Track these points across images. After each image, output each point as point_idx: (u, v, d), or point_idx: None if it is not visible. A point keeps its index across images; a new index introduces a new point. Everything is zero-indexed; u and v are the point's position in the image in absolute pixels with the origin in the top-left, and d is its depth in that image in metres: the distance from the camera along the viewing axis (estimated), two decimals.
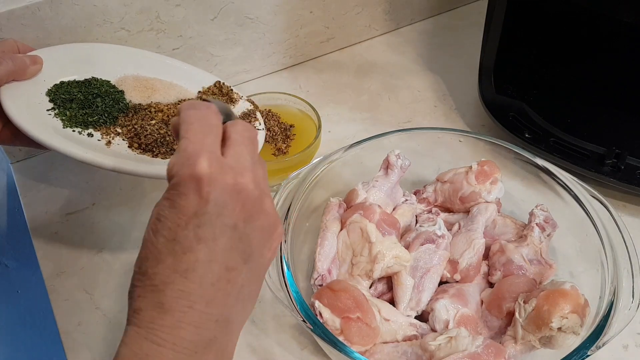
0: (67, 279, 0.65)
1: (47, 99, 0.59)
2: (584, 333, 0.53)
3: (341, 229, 0.61)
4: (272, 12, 0.82)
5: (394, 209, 0.66)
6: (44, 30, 0.67)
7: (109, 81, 0.64)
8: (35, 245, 0.68)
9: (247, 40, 0.83)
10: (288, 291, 0.54)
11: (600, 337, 0.52)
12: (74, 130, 0.58)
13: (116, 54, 0.67)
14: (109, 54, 0.67)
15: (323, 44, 0.91)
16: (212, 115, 0.41)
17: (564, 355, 0.50)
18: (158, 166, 0.55)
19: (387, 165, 0.65)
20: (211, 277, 0.37)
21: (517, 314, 0.55)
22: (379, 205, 0.62)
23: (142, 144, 0.58)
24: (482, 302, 0.60)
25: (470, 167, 0.66)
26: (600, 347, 0.51)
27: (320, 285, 0.58)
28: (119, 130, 0.59)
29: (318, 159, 0.65)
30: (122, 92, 0.63)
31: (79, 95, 0.61)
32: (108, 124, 0.60)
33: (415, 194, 0.69)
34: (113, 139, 0.58)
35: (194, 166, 0.37)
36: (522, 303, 0.55)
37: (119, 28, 0.72)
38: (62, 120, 0.58)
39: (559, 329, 0.52)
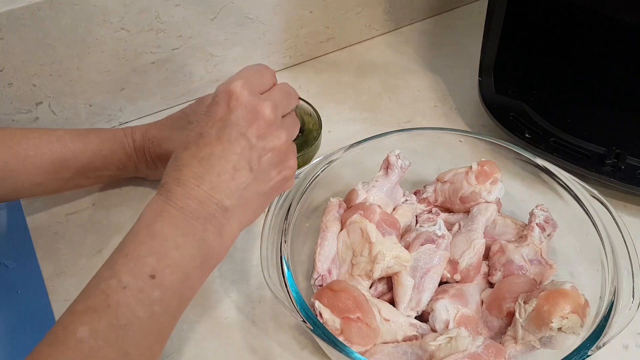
0: (67, 279, 0.65)
1: None
2: (584, 333, 0.53)
3: (341, 229, 0.61)
4: (272, 12, 0.82)
5: (394, 209, 0.66)
6: (43, 30, 0.67)
7: None
8: (35, 245, 0.68)
9: (247, 40, 0.83)
10: (288, 291, 0.54)
11: (601, 337, 0.52)
12: None
13: None
14: None
15: (323, 44, 0.91)
16: (267, 70, 0.52)
17: (564, 356, 0.51)
18: None
19: (387, 165, 0.65)
20: (219, 169, 0.47)
21: (517, 314, 0.55)
22: (379, 205, 0.62)
23: None
24: (482, 302, 0.60)
25: (471, 167, 0.66)
26: (600, 347, 0.51)
27: (320, 286, 0.58)
28: None
29: (318, 159, 0.65)
30: None
31: None
32: None
33: (415, 194, 0.69)
34: None
35: (230, 84, 0.48)
36: (522, 303, 0.55)
37: (119, 28, 0.72)
38: None
39: (559, 329, 0.52)
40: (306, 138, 0.72)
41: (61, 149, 0.63)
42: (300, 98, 0.73)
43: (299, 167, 0.64)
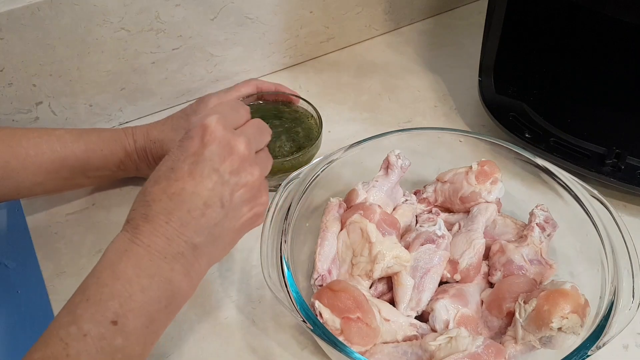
0: (67, 279, 0.65)
1: None
2: (584, 333, 0.53)
3: (341, 229, 0.61)
4: (272, 12, 0.82)
5: (394, 209, 0.66)
6: (43, 30, 0.67)
7: None
8: (35, 245, 0.68)
9: (247, 40, 0.83)
10: (288, 291, 0.54)
11: (601, 337, 0.52)
12: None
13: None
14: None
15: (323, 44, 0.91)
16: (241, 107, 0.52)
17: (564, 356, 0.50)
18: None
19: (387, 165, 0.65)
20: (190, 205, 0.45)
21: (517, 314, 0.55)
22: (379, 205, 0.62)
23: None
24: (482, 302, 0.60)
25: (471, 167, 0.66)
26: (600, 347, 0.51)
27: (320, 286, 0.58)
28: None
29: (318, 159, 0.65)
30: None
31: None
32: None
33: (415, 194, 0.69)
34: None
35: (205, 118, 0.47)
36: (522, 303, 0.55)
37: (119, 28, 0.72)
38: None
39: (559, 329, 0.52)
40: (307, 138, 0.72)
41: (62, 148, 0.63)
42: (301, 97, 0.74)
43: (300, 167, 0.64)
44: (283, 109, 0.75)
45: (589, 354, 0.51)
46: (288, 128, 0.73)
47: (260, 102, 0.75)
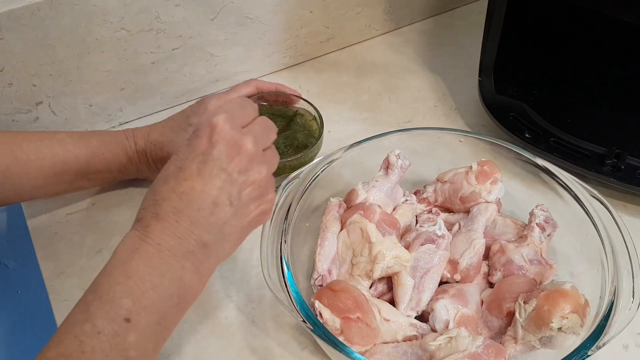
0: (67, 279, 0.65)
1: None
2: (584, 333, 0.53)
3: (341, 229, 0.61)
4: (272, 12, 0.82)
5: (394, 209, 0.66)
6: (43, 30, 0.67)
7: None
8: (35, 245, 0.68)
9: (247, 40, 0.83)
10: (288, 291, 0.54)
11: (601, 337, 0.52)
12: None
13: None
14: None
15: (323, 44, 0.91)
16: (249, 104, 0.52)
17: (564, 356, 0.50)
18: None
19: (387, 165, 0.65)
20: (199, 204, 0.46)
21: (517, 314, 0.55)
22: (379, 205, 0.62)
23: None
24: (482, 302, 0.60)
25: (471, 167, 0.66)
26: (600, 347, 0.51)
27: (320, 286, 0.58)
28: None
29: (318, 159, 0.65)
30: None
31: None
32: None
33: (415, 194, 0.69)
34: None
35: (213, 117, 0.47)
36: (522, 303, 0.55)
37: (119, 28, 0.72)
38: None
39: (559, 329, 0.52)
40: (308, 138, 0.72)
41: (63, 152, 0.63)
42: (301, 97, 0.74)
43: (300, 166, 0.64)
44: (284, 109, 0.75)
45: (589, 354, 0.51)
46: (289, 128, 0.73)
47: (261, 102, 0.75)
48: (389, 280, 0.61)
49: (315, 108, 0.73)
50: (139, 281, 0.43)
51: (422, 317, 0.59)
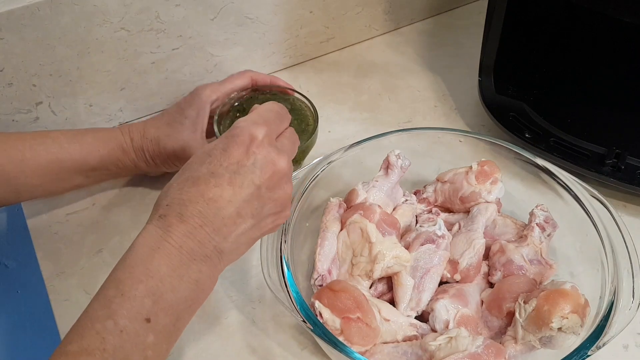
0: (67, 279, 0.65)
1: None
2: (584, 333, 0.53)
3: (341, 229, 0.61)
4: (272, 12, 0.82)
5: (394, 209, 0.66)
6: (43, 30, 0.67)
7: None
8: (35, 245, 0.68)
9: (247, 40, 0.83)
10: (288, 291, 0.54)
11: (601, 337, 0.52)
12: None
13: None
14: None
15: (323, 44, 0.91)
16: (286, 115, 0.53)
17: (564, 356, 0.51)
18: None
19: (387, 165, 0.65)
20: (224, 212, 0.46)
21: (517, 314, 0.55)
22: (379, 205, 0.62)
23: None
24: (482, 302, 0.60)
25: (471, 167, 0.66)
26: (600, 348, 0.51)
27: (320, 286, 0.58)
28: None
29: (318, 159, 0.65)
30: None
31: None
32: None
33: (415, 194, 0.69)
34: None
35: (256, 128, 0.48)
36: (522, 303, 0.55)
37: (119, 28, 0.72)
38: None
39: (559, 329, 0.52)
40: (303, 131, 0.71)
41: (57, 150, 0.63)
42: (295, 91, 0.74)
43: (297, 159, 0.64)
44: (278, 102, 0.74)
45: (589, 354, 0.51)
46: None
47: (255, 93, 0.75)
48: (389, 280, 0.61)
49: (309, 101, 0.73)
50: (159, 282, 0.44)
51: (422, 317, 0.59)
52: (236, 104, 0.73)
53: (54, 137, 0.64)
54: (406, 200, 0.67)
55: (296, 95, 0.74)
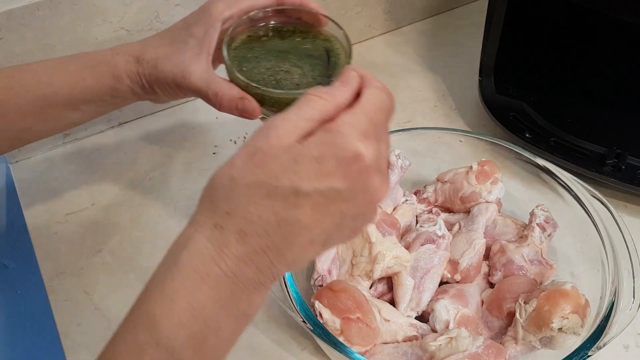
0: (67, 279, 0.65)
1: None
2: (585, 333, 0.53)
3: None
4: None
5: (394, 209, 0.66)
6: (43, 30, 0.67)
7: None
8: (35, 245, 0.68)
9: None
10: (288, 292, 0.54)
11: (601, 337, 0.52)
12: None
13: None
14: None
15: None
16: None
17: (564, 356, 0.51)
18: None
19: (387, 166, 0.65)
20: (297, 240, 0.37)
21: (517, 315, 0.55)
22: (379, 205, 0.62)
23: None
24: (482, 302, 0.60)
25: (471, 167, 0.66)
26: (601, 348, 0.51)
27: (320, 286, 0.58)
28: None
29: None
30: None
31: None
32: None
33: (415, 194, 0.69)
34: None
35: (363, 144, 0.37)
36: (522, 303, 0.55)
37: (119, 28, 0.72)
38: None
39: (560, 329, 0.52)
40: (331, 70, 0.58)
41: (37, 85, 0.55)
42: (330, 18, 0.61)
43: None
44: (307, 31, 0.61)
45: (589, 354, 0.51)
46: (309, 55, 0.59)
47: (279, 19, 0.60)
48: (389, 281, 0.61)
49: (346, 36, 0.59)
50: (203, 324, 0.36)
51: (422, 318, 0.59)
52: (253, 27, 0.59)
53: (32, 72, 0.56)
54: (406, 200, 0.67)
55: (330, 24, 0.60)
